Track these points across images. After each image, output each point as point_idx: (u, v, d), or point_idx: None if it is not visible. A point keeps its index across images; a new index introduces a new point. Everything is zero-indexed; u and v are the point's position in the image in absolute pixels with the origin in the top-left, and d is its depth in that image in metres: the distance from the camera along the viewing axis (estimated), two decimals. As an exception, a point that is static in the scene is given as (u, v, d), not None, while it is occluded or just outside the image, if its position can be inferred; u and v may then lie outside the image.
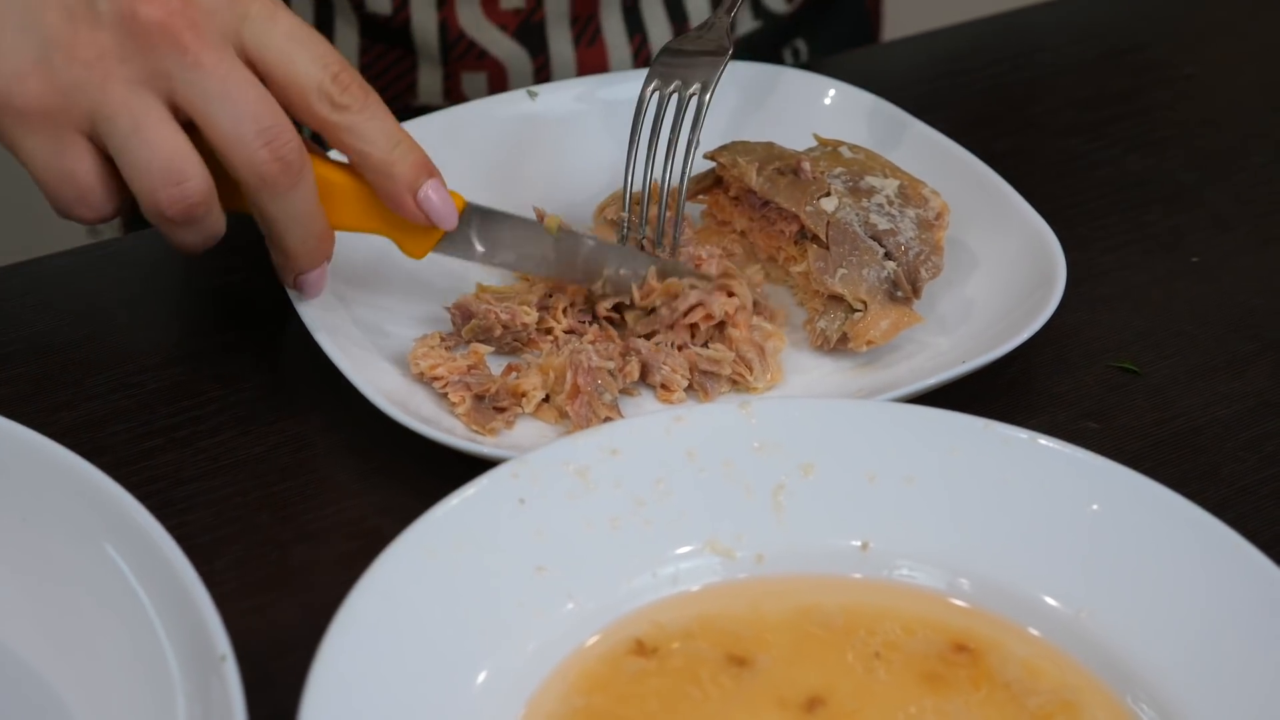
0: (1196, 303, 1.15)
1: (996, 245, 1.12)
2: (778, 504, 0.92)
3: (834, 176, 1.10)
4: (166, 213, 0.96)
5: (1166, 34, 1.49)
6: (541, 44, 1.37)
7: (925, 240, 1.09)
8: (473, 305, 1.06)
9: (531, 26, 1.36)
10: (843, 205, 1.09)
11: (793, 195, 1.09)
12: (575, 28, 1.36)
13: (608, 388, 1.02)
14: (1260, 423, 1.06)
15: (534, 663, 0.85)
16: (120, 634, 0.84)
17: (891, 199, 1.10)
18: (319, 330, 1.02)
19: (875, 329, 1.06)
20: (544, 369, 1.03)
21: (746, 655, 0.87)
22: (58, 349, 1.07)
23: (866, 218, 1.09)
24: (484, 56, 1.37)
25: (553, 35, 1.36)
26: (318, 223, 1.00)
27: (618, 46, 1.39)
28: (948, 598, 0.90)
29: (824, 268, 1.07)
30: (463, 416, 1.01)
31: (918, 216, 1.10)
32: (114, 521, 0.86)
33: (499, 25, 1.35)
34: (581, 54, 1.38)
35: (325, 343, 1.01)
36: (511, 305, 1.06)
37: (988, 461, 0.92)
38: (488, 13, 1.35)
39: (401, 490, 0.98)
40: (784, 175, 1.10)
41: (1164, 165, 1.30)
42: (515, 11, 1.35)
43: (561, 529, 0.89)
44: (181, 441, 1.01)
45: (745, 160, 1.12)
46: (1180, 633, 0.86)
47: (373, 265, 1.10)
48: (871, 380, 1.06)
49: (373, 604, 0.82)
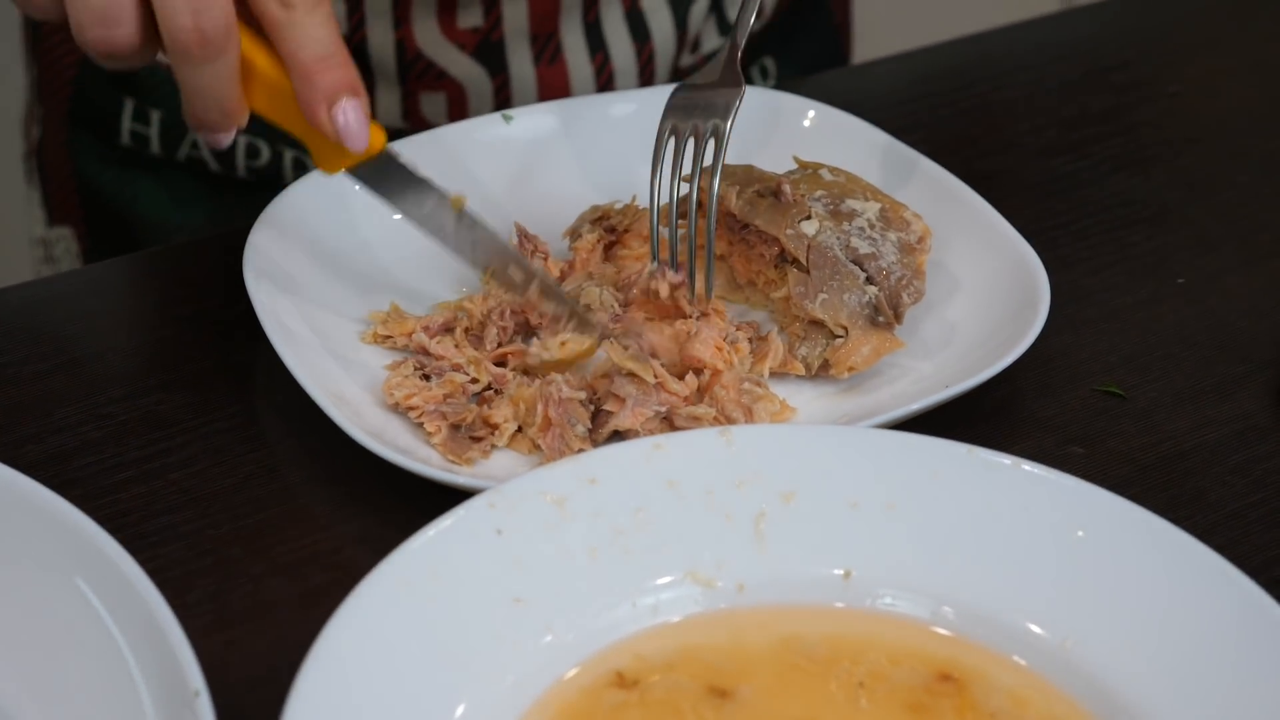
0: (1183, 324, 1.15)
1: (979, 268, 1.12)
2: (759, 533, 0.91)
3: (814, 199, 1.09)
4: (183, 39, 0.95)
5: (1150, 52, 1.49)
6: (501, 63, 1.36)
7: (907, 264, 1.08)
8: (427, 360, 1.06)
9: (491, 45, 1.35)
10: (824, 228, 1.08)
11: (773, 218, 1.08)
12: (535, 46, 1.35)
13: (579, 419, 1.00)
14: (1248, 446, 1.05)
15: (513, 695, 0.84)
16: (92, 669, 0.84)
17: (873, 222, 1.09)
18: (292, 360, 1.00)
19: (857, 355, 1.05)
20: (514, 400, 1.02)
21: (728, 687, 0.85)
22: (26, 380, 1.06)
23: (848, 241, 1.08)
24: (443, 77, 1.36)
25: (512, 54, 1.35)
26: (228, 100, 0.98)
27: (579, 65, 1.38)
28: (931, 626, 0.89)
29: (804, 292, 1.06)
30: (439, 446, 1.00)
31: (899, 240, 1.09)
32: (85, 555, 0.85)
33: (457, 44, 1.34)
34: (542, 72, 1.37)
35: (299, 373, 1.00)
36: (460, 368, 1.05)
37: (971, 488, 0.91)
38: (445, 31, 1.33)
39: (377, 521, 0.97)
40: (764, 198, 1.09)
41: (1148, 185, 1.29)
42: (474, 30, 1.34)
43: (539, 560, 0.88)
44: (153, 473, 1.00)
45: (725, 183, 1.11)
46: (1167, 661, 0.85)
47: (345, 294, 1.10)
48: (854, 405, 1.05)
49: (348, 637, 0.81)
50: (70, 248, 1.51)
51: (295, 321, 1.05)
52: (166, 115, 1.41)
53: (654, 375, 1.01)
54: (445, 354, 1.05)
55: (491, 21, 1.33)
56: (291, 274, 1.10)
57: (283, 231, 1.11)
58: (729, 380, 1.03)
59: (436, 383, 1.03)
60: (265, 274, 1.07)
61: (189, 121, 1.00)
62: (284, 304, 1.06)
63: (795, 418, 1.05)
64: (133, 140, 1.43)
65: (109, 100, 1.43)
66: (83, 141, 1.47)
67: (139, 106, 1.42)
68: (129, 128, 1.43)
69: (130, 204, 1.45)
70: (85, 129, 1.46)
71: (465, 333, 1.07)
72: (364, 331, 1.08)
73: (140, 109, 1.42)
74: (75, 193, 1.50)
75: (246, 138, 1.39)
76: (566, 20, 1.36)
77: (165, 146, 1.42)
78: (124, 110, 1.43)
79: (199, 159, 1.42)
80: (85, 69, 1.44)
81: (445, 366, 1.04)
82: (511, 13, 1.33)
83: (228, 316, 1.08)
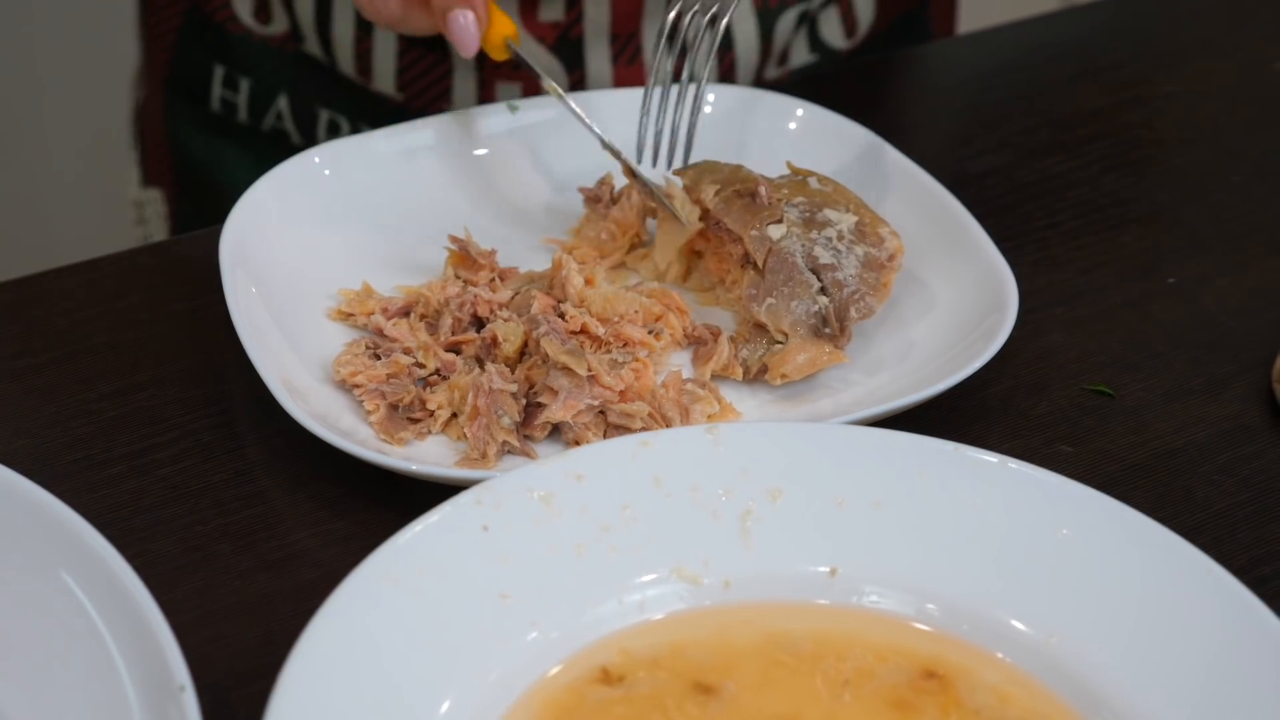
0: (1173, 324, 1.15)
1: (949, 278, 1.11)
2: (745, 530, 0.91)
3: (792, 205, 1.09)
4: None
5: (1144, 53, 1.49)
6: (579, 59, 1.36)
7: (867, 280, 1.07)
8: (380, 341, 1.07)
9: (569, 41, 1.35)
10: (790, 234, 1.07)
11: (742, 218, 1.08)
12: (615, 45, 1.36)
13: (507, 410, 1.01)
14: (1236, 446, 1.05)
15: (498, 691, 0.85)
16: (78, 664, 0.84)
17: (844, 234, 1.08)
18: (253, 347, 1.01)
19: (791, 363, 1.05)
20: (452, 387, 1.03)
21: (713, 683, 0.85)
22: (16, 376, 1.06)
23: (811, 249, 1.07)
24: (519, 68, 1.36)
25: (591, 52, 1.36)
26: None
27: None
28: (917, 623, 0.89)
29: (754, 295, 1.06)
30: (375, 425, 1.01)
31: (866, 255, 1.07)
32: (72, 550, 0.85)
33: (537, 38, 1.35)
34: (620, 71, 1.37)
35: (256, 356, 1.00)
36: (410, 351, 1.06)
37: (957, 486, 0.91)
38: (526, 23, 1.34)
39: (365, 518, 0.97)
40: (741, 198, 1.09)
41: (1141, 185, 1.29)
42: (554, 24, 1.34)
43: (526, 556, 0.88)
44: (141, 469, 1.00)
45: (708, 180, 1.11)
46: (1152, 658, 0.85)
47: (313, 284, 1.11)
48: (800, 413, 1.05)
49: (334, 633, 0.81)
50: (159, 210, 1.54)
51: (264, 304, 1.07)
52: (255, 84, 1.43)
53: (588, 369, 1.01)
54: (399, 336, 1.06)
55: (573, 17, 1.34)
56: (274, 247, 1.11)
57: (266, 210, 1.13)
58: (670, 380, 1.04)
59: (383, 363, 1.04)
60: (243, 248, 1.09)
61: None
62: (263, 277, 1.09)
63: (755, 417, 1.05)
64: (222, 107, 1.45)
65: (202, 66, 1.45)
66: (178, 106, 1.49)
67: (229, 74, 1.43)
68: (219, 94, 1.45)
69: (217, 170, 1.48)
70: (180, 94, 1.48)
71: (421, 318, 1.07)
72: (331, 308, 1.09)
73: (230, 76, 1.44)
74: (169, 156, 1.52)
75: (329, 113, 1.41)
76: (649, 22, 1.36)
77: (252, 115, 1.44)
78: (214, 76, 1.44)
79: (283, 130, 1.44)
80: (184, 34, 1.46)
81: (396, 349, 1.05)
82: (594, 10, 1.34)
83: (217, 312, 1.08)
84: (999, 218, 1.15)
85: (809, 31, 1.44)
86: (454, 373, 1.04)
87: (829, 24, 1.45)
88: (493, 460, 0.99)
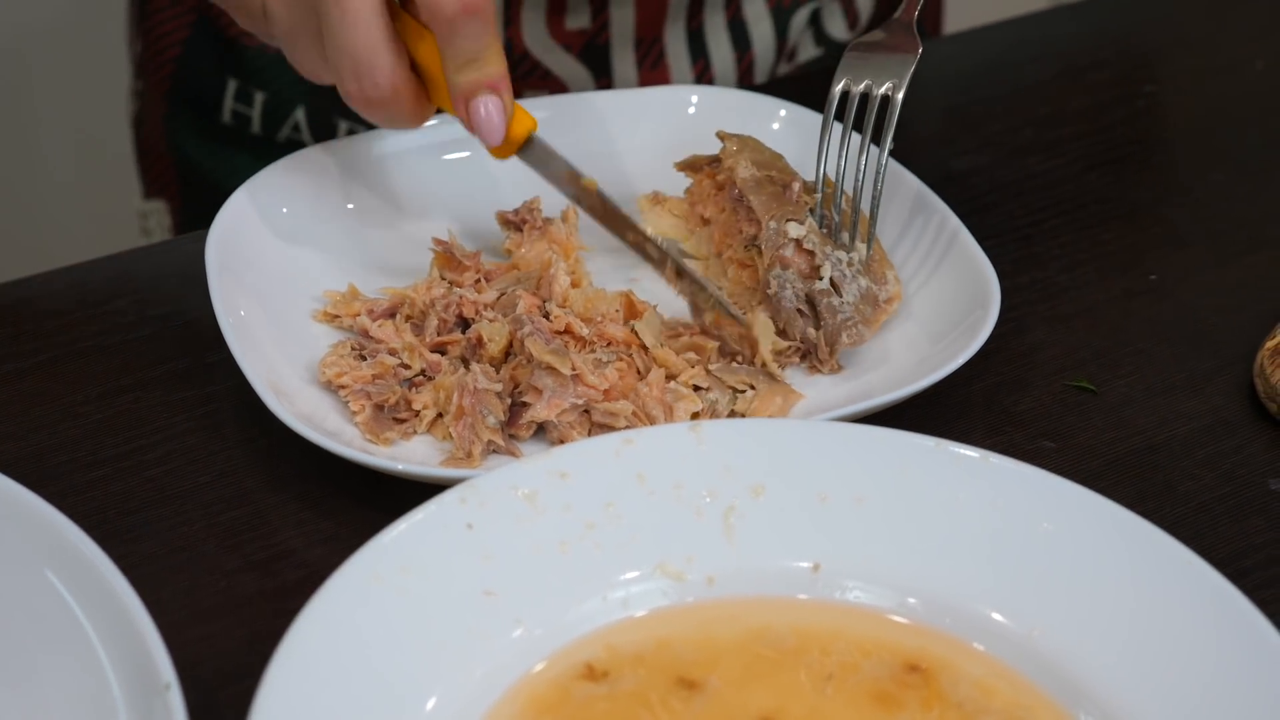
0: (1154, 321, 1.15)
1: (935, 271, 1.11)
2: (728, 526, 0.91)
3: (820, 215, 1.09)
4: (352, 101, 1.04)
5: (1125, 52, 1.49)
6: (605, 65, 1.37)
7: (862, 311, 1.07)
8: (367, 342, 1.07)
9: (596, 48, 1.36)
10: (809, 238, 1.07)
11: (768, 205, 1.08)
12: (639, 50, 1.37)
13: (492, 410, 1.01)
14: (1217, 440, 1.05)
15: (483, 688, 0.85)
16: (64, 663, 0.84)
17: (854, 261, 1.08)
18: (239, 349, 1.01)
19: (770, 408, 1.05)
20: (437, 387, 1.03)
21: (697, 679, 0.86)
22: (3, 379, 1.07)
23: (809, 289, 1.07)
24: (547, 76, 1.37)
25: (617, 57, 1.37)
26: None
27: (681, 71, 1.40)
28: (899, 618, 0.89)
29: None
30: (360, 425, 1.01)
31: (867, 289, 1.07)
32: (58, 550, 0.86)
33: (564, 45, 1.36)
34: (645, 76, 1.39)
35: (242, 358, 1.01)
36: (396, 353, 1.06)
37: (939, 481, 0.91)
38: (553, 32, 1.35)
39: (350, 518, 0.97)
40: (773, 184, 1.09)
41: (1122, 183, 1.30)
42: (581, 31, 1.35)
43: (510, 553, 0.88)
44: (128, 471, 1.00)
45: (749, 155, 1.11)
46: (1134, 651, 0.85)
47: (299, 287, 1.11)
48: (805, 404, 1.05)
49: (319, 631, 0.82)
50: (163, 221, 1.54)
51: (249, 306, 1.07)
52: (270, 97, 1.43)
53: (572, 368, 1.02)
54: (384, 338, 1.06)
55: (599, 24, 1.35)
56: (260, 250, 1.12)
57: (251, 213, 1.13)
58: (654, 378, 1.04)
59: (369, 364, 1.04)
60: (229, 251, 1.09)
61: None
62: (249, 279, 1.09)
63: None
64: (234, 119, 1.45)
65: (213, 80, 1.44)
66: (182, 118, 1.48)
67: (242, 87, 1.43)
68: (231, 107, 1.44)
69: (226, 179, 1.46)
70: (185, 106, 1.48)
71: (407, 319, 1.08)
72: (317, 310, 1.10)
73: (244, 89, 1.43)
74: (171, 167, 1.52)
75: (347, 124, 1.41)
76: (671, 26, 1.37)
77: (266, 127, 1.44)
78: (227, 90, 1.44)
79: (299, 141, 1.43)
80: (190, 47, 1.46)
81: (382, 350, 1.05)
82: (619, 16, 1.35)
83: (204, 314, 1.08)
84: (982, 216, 1.16)
85: (815, 29, 1.45)
86: (439, 373, 1.04)
87: (832, 17, 1.46)
88: (478, 459, 1.00)
